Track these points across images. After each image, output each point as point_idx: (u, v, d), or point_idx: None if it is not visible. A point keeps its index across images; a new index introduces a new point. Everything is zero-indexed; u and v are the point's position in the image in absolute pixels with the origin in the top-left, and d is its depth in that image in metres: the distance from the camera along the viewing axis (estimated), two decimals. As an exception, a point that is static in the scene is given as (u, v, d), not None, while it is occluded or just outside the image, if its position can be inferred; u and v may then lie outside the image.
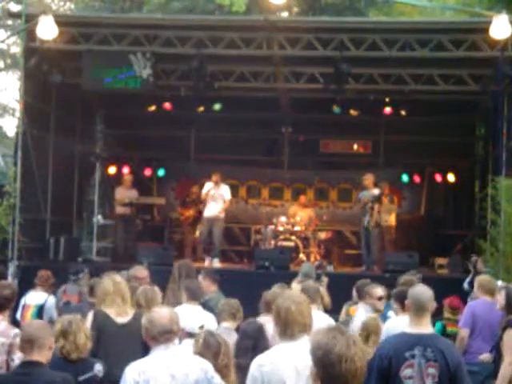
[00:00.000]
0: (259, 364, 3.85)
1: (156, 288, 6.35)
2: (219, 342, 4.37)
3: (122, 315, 5.46)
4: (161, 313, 4.21)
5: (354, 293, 7.73)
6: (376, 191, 13.04)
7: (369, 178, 13.16)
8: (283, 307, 3.89)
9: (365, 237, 13.03)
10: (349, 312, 7.40)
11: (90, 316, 5.61)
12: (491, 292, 6.87)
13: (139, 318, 5.29)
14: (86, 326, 4.94)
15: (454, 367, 4.17)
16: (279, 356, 3.84)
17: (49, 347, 4.07)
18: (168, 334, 4.08)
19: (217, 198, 12.95)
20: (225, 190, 13.11)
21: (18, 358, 5.05)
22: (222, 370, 4.26)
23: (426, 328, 4.39)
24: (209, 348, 4.31)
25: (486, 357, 6.34)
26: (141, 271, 7.19)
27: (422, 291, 4.54)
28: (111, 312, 5.49)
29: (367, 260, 12.95)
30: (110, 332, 5.37)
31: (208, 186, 13.07)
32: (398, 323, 5.62)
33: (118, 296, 5.51)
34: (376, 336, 5.64)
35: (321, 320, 5.45)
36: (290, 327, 3.83)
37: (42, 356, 4.02)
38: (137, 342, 5.17)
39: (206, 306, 6.51)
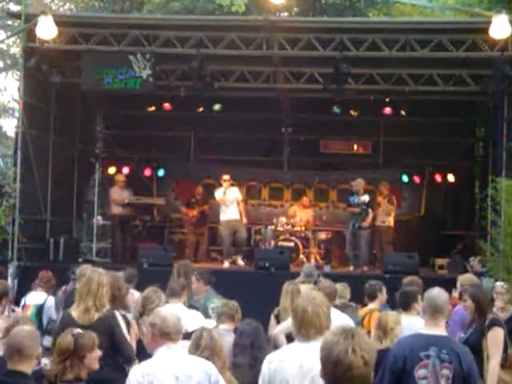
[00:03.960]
0: (269, 361, 3.92)
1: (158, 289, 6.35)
2: (201, 335, 4.42)
3: (87, 315, 5.30)
4: (165, 313, 4.24)
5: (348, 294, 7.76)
6: (366, 198, 13.02)
7: (359, 184, 13.16)
8: (300, 308, 3.91)
9: (351, 236, 13.02)
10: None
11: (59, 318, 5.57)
12: None
13: (106, 319, 5.27)
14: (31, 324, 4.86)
15: (467, 370, 4.19)
16: (287, 355, 3.88)
17: (36, 357, 3.95)
18: (171, 334, 4.11)
19: (232, 200, 13.03)
20: (237, 191, 13.29)
21: None
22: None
23: (442, 330, 4.42)
24: (192, 342, 4.39)
25: None
26: (86, 269, 7.20)
27: (439, 294, 4.55)
28: (77, 310, 5.36)
29: (353, 260, 12.95)
30: None
31: (221, 189, 13.11)
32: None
33: (88, 295, 5.35)
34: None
35: (336, 319, 5.45)
36: (304, 328, 3.85)
37: (28, 366, 3.89)
38: (102, 342, 5.11)
39: (193, 307, 6.51)
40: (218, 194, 13.15)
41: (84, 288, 5.43)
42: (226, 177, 13.16)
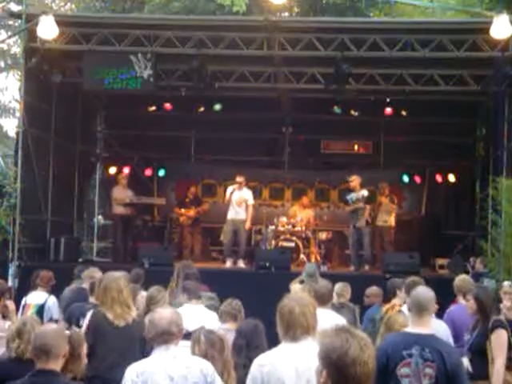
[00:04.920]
0: (259, 364, 3.85)
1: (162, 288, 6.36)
2: (221, 338, 4.42)
3: (121, 317, 5.41)
4: (161, 313, 4.20)
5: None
6: (365, 192, 12.98)
7: (355, 180, 13.07)
8: (286, 308, 3.87)
9: (356, 236, 12.96)
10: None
11: (88, 316, 5.59)
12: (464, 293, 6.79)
13: (141, 323, 5.33)
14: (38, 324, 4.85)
15: (451, 369, 4.16)
16: (280, 357, 3.83)
17: (63, 355, 3.94)
18: (166, 335, 4.07)
19: (241, 201, 12.94)
20: (248, 194, 13.08)
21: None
22: (226, 365, 4.32)
23: (426, 328, 4.39)
24: (214, 345, 4.35)
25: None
26: (97, 272, 7.22)
27: (424, 292, 4.54)
28: (110, 314, 5.43)
29: (356, 260, 12.94)
30: (106, 334, 5.32)
31: (230, 189, 13.04)
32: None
33: (113, 303, 5.44)
34: None
35: (331, 320, 5.44)
36: (292, 329, 3.82)
37: (57, 364, 3.89)
38: (136, 344, 5.20)
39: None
40: (227, 192, 13.11)
41: (106, 297, 5.48)
42: (239, 179, 13.01)
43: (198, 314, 6.04)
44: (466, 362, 5.93)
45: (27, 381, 3.91)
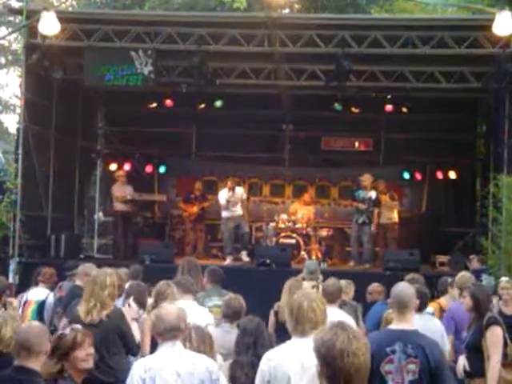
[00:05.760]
0: (268, 358, 3.94)
1: (172, 283, 6.35)
2: (209, 334, 4.48)
3: (90, 314, 5.42)
4: (168, 309, 4.22)
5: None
6: (373, 194, 13.02)
7: (366, 180, 13.12)
8: (296, 304, 3.94)
9: (357, 233, 13.01)
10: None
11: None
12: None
13: (113, 317, 5.39)
14: (17, 323, 4.81)
15: (435, 364, 4.15)
16: (287, 352, 3.90)
17: (45, 353, 3.89)
18: (175, 331, 4.09)
19: (236, 202, 13.08)
20: (240, 191, 13.33)
21: None
22: (214, 360, 4.35)
23: (409, 324, 4.39)
24: (205, 341, 4.39)
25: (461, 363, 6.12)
26: (90, 268, 7.24)
27: (404, 289, 4.55)
28: (83, 306, 5.47)
29: (356, 255, 12.96)
30: None
31: (224, 192, 13.13)
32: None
33: (91, 296, 5.48)
34: None
35: (338, 318, 5.43)
36: (301, 324, 3.89)
37: (37, 362, 3.84)
38: (106, 341, 5.28)
39: None
40: (221, 198, 13.13)
41: (88, 289, 5.58)
42: (230, 184, 13.16)
43: (190, 311, 6.02)
44: (462, 359, 5.97)
45: (4, 375, 3.87)
